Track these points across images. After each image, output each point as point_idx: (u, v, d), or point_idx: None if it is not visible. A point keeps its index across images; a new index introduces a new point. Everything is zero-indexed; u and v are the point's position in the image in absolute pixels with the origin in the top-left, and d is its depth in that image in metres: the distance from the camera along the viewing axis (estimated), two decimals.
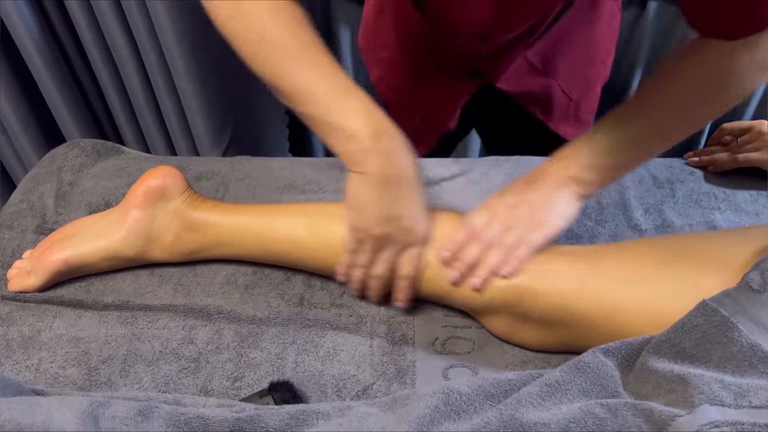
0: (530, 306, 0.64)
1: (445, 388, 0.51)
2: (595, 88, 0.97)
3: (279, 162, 0.95)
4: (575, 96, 0.94)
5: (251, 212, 0.74)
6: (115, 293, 0.75)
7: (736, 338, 0.50)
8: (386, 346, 0.69)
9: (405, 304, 0.70)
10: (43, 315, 0.73)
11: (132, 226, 0.74)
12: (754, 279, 0.54)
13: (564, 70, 0.90)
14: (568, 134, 0.97)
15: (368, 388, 0.65)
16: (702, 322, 0.52)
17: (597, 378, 0.52)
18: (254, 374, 0.66)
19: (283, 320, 0.71)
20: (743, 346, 0.49)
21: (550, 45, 0.86)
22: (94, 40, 1.29)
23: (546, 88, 0.92)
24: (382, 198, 0.64)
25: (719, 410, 0.44)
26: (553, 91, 0.92)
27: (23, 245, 0.81)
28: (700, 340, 0.51)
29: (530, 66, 0.88)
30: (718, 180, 0.89)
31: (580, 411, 0.48)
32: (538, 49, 0.86)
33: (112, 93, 1.39)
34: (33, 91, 1.35)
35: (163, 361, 0.68)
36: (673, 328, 0.54)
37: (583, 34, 0.88)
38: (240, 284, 0.75)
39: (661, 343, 0.53)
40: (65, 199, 0.87)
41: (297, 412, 0.52)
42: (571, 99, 0.94)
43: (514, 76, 0.88)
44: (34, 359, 0.68)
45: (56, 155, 0.94)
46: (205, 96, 1.31)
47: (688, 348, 0.52)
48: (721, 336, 0.50)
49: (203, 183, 0.90)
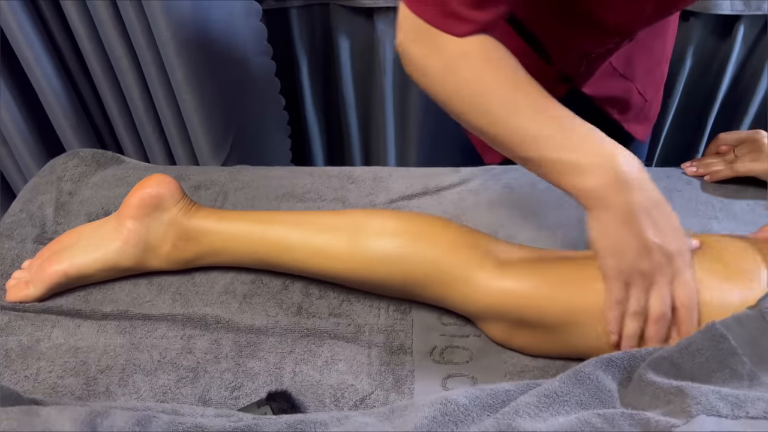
0: (527, 312, 0.64)
1: (443, 399, 0.52)
2: (662, 88, 0.99)
3: (278, 171, 0.95)
4: (649, 97, 0.95)
5: (246, 219, 0.74)
6: (114, 303, 0.75)
7: (739, 370, 0.49)
8: (384, 355, 0.69)
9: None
10: (41, 325, 0.73)
11: (128, 237, 0.74)
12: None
13: (641, 72, 0.92)
14: (638, 133, 0.98)
15: (366, 398, 0.65)
16: (708, 347, 0.51)
17: (595, 391, 0.52)
18: (252, 384, 0.66)
19: (282, 329, 0.71)
20: (744, 377, 0.49)
21: (630, 48, 0.87)
22: (94, 50, 1.29)
23: (625, 91, 0.93)
24: (637, 229, 0.58)
25: (716, 421, 0.44)
26: (631, 94, 0.93)
27: (23, 255, 0.81)
28: (703, 365, 0.51)
29: (613, 70, 0.89)
30: (715, 189, 0.89)
31: (577, 421, 0.48)
32: (621, 53, 0.87)
33: (111, 103, 1.40)
34: (33, 101, 1.36)
35: (161, 371, 0.68)
36: (678, 346, 0.53)
37: (657, 36, 0.90)
38: (238, 293, 0.76)
39: (663, 360, 0.53)
40: (65, 209, 0.87)
41: (295, 421, 0.52)
42: (646, 100, 0.95)
43: (598, 80, 0.89)
44: (32, 369, 0.68)
45: (56, 165, 0.95)
46: (205, 107, 1.32)
47: (689, 369, 0.51)
48: (724, 366, 0.50)
49: (202, 192, 0.90)
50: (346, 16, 1.35)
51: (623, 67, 0.90)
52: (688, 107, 1.46)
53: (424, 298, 0.71)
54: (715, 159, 0.90)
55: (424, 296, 0.70)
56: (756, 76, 1.37)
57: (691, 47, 1.34)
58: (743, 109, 1.42)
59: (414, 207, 0.87)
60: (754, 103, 1.39)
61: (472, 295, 0.66)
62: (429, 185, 0.90)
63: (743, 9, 1.25)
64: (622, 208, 0.58)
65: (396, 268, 0.68)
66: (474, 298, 0.66)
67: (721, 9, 1.25)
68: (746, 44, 1.34)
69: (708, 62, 1.39)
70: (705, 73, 1.41)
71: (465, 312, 0.69)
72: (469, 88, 0.62)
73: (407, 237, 0.68)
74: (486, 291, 0.65)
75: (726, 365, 0.50)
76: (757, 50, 1.34)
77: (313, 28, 1.42)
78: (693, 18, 1.30)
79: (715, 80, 1.39)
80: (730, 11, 1.25)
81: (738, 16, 1.27)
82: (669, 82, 1.38)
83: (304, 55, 1.45)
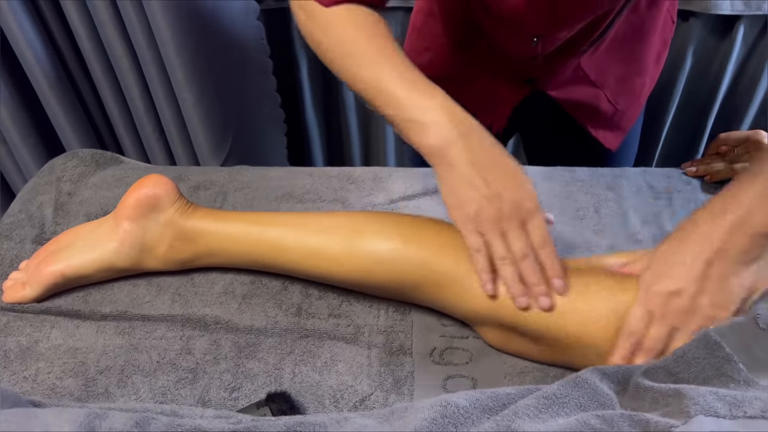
0: (522, 323, 0.64)
1: (443, 401, 0.51)
2: (641, 98, 0.98)
3: (277, 171, 0.95)
4: (621, 106, 0.95)
5: (243, 220, 0.74)
6: (113, 303, 0.75)
7: (736, 377, 0.49)
8: (384, 356, 0.69)
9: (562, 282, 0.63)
10: (40, 325, 0.73)
11: (124, 238, 0.73)
12: (762, 315, 0.53)
13: (614, 81, 0.92)
14: (607, 140, 0.98)
15: (366, 399, 0.65)
16: (704, 355, 0.51)
17: (594, 394, 0.52)
18: (252, 385, 0.66)
19: (281, 330, 0.71)
20: (740, 384, 0.49)
21: (604, 55, 0.87)
22: (94, 50, 1.29)
23: (593, 98, 0.93)
24: (478, 181, 0.63)
25: (714, 421, 0.44)
26: (599, 101, 0.94)
27: (22, 255, 0.81)
28: (699, 373, 0.51)
29: (583, 76, 0.90)
30: (715, 190, 0.89)
31: (576, 422, 0.48)
32: (594, 59, 0.88)
33: (111, 103, 1.40)
34: (33, 102, 1.36)
35: (160, 372, 0.68)
36: (673, 356, 0.53)
37: (636, 44, 0.90)
38: (238, 294, 0.75)
39: (659, 370, 0.53)
40: (64, 209, 0.87)
41: (294, 423, 0.52)
42: (617, 109, 0.95)
43: (565, 84, 0.90)
44: (31, 370, 0.68)
45: (55, 165, 0.95)
46: (204, 106, 1.32)
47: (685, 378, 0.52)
48: (720, 373, 0.50)
49: (201, 193, 0.90)
50: None
51: (595, 73, 0.89)
52: (688, 107, 1.46)
53: (421, 301, 0.71)
54: (715, 159, 0.90)
55: (420, 299, 0.70)
56: (756, 76, 1.36)
57: (691, 47, 1.34)
58: (743, 109, 1.42)
59: (414, 207, 0.87)
60: (754, 103, 1.39)
61: (465, 297, 0.66)
62: (429, 185, 0.90)
63: (743, 9, 1.24)
64: (461, 163, 0.63)
65: (391, 270, 0.68)
66: (468, 302, 0.66)
67: (721, 9, 1.25)
68: (746, 44, 1.34)
69: (708, 62, 1.39)
70: (705, 73, 1.40)
71: (460, 315, 0.69)
72: (340, 50, 0.69)
73: (400, 239, 0.67)
74: (479, 294, 0.65)
75: (722, 372, 0.50)
76: (757, 50, 1.34)
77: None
78: (693, 18, 1.30)
79: (715, 80, 1.39)
80: (730, 11, 1.25)
81: (738, 16, 1.27)
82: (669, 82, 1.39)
83: (303, 55, 1.45)
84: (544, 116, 0.98)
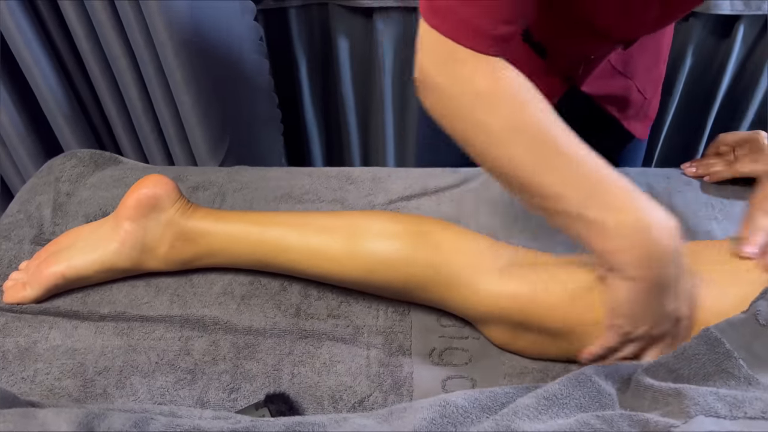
0: (530, 316, 0.64)
1: (442, 401, 0.51)
2: (659, 87, 1.00)
3: (276, 172, 0.95)
4: (648, 95, 0.96)
5: (244, 220, 0.74)
6: (112, 304, 0.75)
7: (736, 373, 0.50)
8: (383, 357, 0.69)
9: None
10: (39, 326, 0.73)
11: (125, 238, 0.73)
12: (761, 312, 0.53)
13: (640, 70, 0.93)
14: (638, 131, 0.99)
15: (365, 400, 0.65)
16: (704, 351, 0.51)
17: (596, 394, 0.52)
18: (250, 386, 0.66)
19: (280, 331, 0.71)
20: (741, 380, 0.49)
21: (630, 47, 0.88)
22: (92, 50, 1.29)
23: (625, 89, 0.93)
24: (660, 302, 0.57)
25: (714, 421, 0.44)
26: (631, 92, 0.94)
27: (20, 256, 0.81)
28: (699, 369, 0.51)
29: (612, 69, 0.90)
30: (715, 190, 0.89)
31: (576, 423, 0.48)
32: (619, 52, 0.88)
33: (110, 103, 1.39)
34: (31, 102, 1.35)
35: (159, 373, 0.67)
36: (674, 353, 0.53)
37: (654, 35, 0.90)
38: (236, 294, 0.75)
39: (660, 367, 0.53)
40: (62, 210, 0.87)
41: (293, 423, 0.52)
42: (645, 98, 0.96)
43: (598, 78, 0.90)
44: (29, 371, 0.68)
45: (54, 165, 0.94)
46: (202, 107, 1.32)
47: (686, 375, 0.52)
48: (721, 370, 0.50)
49: (200, 193, 0.90)
50: (345, 16, 1.35)
51: (622, 65, 0.90)
52: (688, 107, 1.46)
53: (425, 301, 0.70)
54: (715, 159, 0.90)
55: (424, 299, 0.70)
56: (756, 76, 1.36)
57: (691, 47, 1.34)
58: (743, 109, 1.41)
59: (413, 208, 0.87)
60: (754, 103, 1.39)
61: (473, 299, 0.66)
62: (428, 186, 0.90)
63: (743, 9, 1.24)
64: (650, 282, 0.55)
65: (396, 270, 0.68)
66: (475, 302, 0.66)
67: (721, 9, 1.25)
68: (746, 44, 1.33)
69: (708, 62, 1.39)
70: (705, 73, 1.40)
71: (466, 315, 0.69)
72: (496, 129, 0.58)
73: (408, 239, 0.67)
74: (487, 294, 0.65)
75: (722, 369, 0.50)
76: (757, 50, 1.34)
77: (311, 28, 1.42)
78: (693, 18, 1.30)
79: (715, 80, 1.39)
80: (730, 11, 1.25)
81: (738, 16, 1.27)
82: (669, 81, 1.39)
83: (302, 55, 1.45)
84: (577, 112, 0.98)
